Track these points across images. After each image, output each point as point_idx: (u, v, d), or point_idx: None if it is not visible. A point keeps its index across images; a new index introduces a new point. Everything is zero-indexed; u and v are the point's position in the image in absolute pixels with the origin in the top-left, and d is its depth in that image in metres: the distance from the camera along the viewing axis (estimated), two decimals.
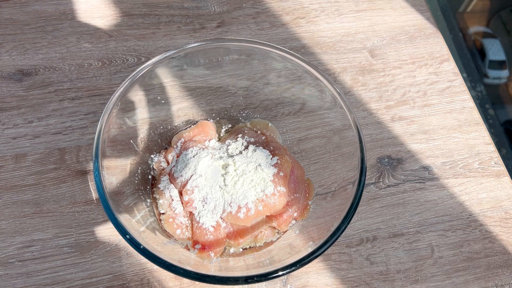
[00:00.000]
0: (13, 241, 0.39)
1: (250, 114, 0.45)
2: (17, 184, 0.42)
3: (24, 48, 0.49)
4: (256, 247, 0.39)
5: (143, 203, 0.39)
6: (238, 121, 0.45)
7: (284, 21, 0.54)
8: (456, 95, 0.51)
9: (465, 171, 0.46)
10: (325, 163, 0.41)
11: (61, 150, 0.44)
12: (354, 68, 0.52)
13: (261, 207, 0.38)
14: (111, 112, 0.35)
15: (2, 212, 0.40)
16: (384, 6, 0.57)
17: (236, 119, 0.45)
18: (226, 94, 0.45)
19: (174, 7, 0.54)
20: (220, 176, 0.39)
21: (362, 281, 0.40)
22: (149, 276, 0.39)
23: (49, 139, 0.44)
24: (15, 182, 0.42)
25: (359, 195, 0.34)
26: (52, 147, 0.44)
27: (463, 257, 0.42)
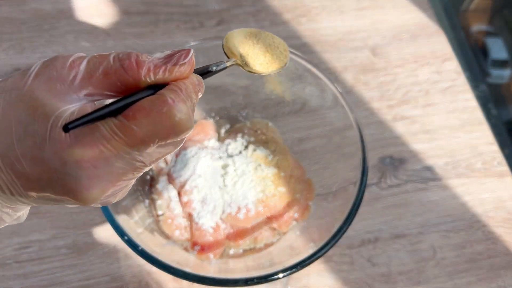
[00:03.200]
0: (10, 242, 0.39)
1: (250, 113, 0.45)
2: None
3: (21, 47, 0.49)
4: (256, 248, 0.38)
5: (142, 204, 0.38)
6: (238, 121, 0.45)
7: (285, 19, 0.54)
8: (458, 95, 0.51)
9: (468, 171, 0.46)
10: (326, 163, 0.41)
11: None
12: (355, 67, 0.51)
13: (261, 207, 0.37)
14: None
15: None
16: (386, 4, 0.56)
17: (236, 118, 0.45)
18: (225, 93, 0.44)
19: (173, 5, 0.53)
20: (219, 176, 0.39)
21: (364, 282, 0.40)
22: (147, 277, 0.38)
23: None
24: None
25: (361, 196, 0.33)
26: None
27: (465, 258, 0.41)
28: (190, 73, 0.19)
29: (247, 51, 0.30)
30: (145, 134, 0.17)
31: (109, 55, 0.18)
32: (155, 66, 0.18)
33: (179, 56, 0.18)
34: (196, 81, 0.19)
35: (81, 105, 0.18)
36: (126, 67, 0.18)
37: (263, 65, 0.30)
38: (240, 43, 0.31)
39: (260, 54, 0.31)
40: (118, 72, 0.18)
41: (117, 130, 0.17)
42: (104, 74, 0.18)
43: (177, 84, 0.18)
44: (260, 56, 0.30)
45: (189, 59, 0.19)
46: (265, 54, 0.31)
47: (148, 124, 0.17)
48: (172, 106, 0.17)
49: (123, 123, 0.17)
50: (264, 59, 0.30)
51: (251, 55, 0.30)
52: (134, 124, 0.17)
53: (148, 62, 0.18)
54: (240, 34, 0.31)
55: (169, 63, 0.18)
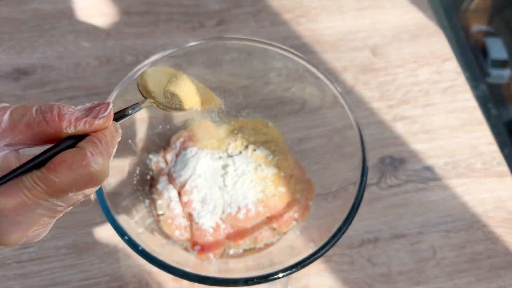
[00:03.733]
0: None
1: (250, 113, 0.45)
2: None
3: (21, 47, 0.49)
4: (256, 248, 0.38)
5: (142, 203, 0.38)
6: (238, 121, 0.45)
7: (285, 19, 0.54)
8: (458, 95, 0.51)
9: (468, 171, 0.46)
10: (326, 163, 0.41)
11: None
12: (355, 67, 0.51)
13: (261, 207, 0.37)
14: None
15: None
16: (386, 4, 0.56)
17: (236, 118, 0.45)
18: (226, 93, 0.44)
19: (173, 5, 0.53)
20: (219, 176, 0.39)
21: (364, 282, 0.40)
22: (148, 277, 0.38)
23: None
24: None
25: (361, 196, 0.33)
26: None
27: (465, 258, 0.41)
28: (109, 124, 0.20)
29: (164, 90, 0.31)
30: (65, 184, 0.18)
31: (32, 107, 0.19)
32: (76, 118, 0.19)
33: (99, 109, 0.20)
34: (114, 129, 0.21)
35: (3, 155, 0.19)
36: (48, 120, 0.19)
37: (179, 103, 0.30)
38: (157, 82, 0.31)
39: (177, 93, 0.31)
40: (41, 124, 0.19)
41: (39, 182, 0.18)
42: (27, 126, 0.19)
43: (96, 136, 0.20)
44: (176, 96, 0.31)
45: (108, 113, 0.20)
46: (183, 93, 0.31)
47: (68, 176, 0.18)
48: (90, 160, 0.18)
49: (45, 175, 0.18)
50: (181, 98, 0.31)
51: (167, 94, 0.31)
52: (55, 176, 0.18)
53: (70, 115, 0.19)
54: (157, 73, 0.31)
55: (89, 116, 0.20)
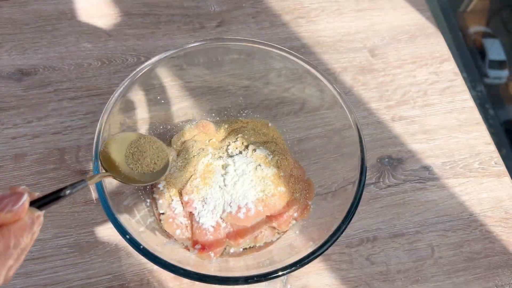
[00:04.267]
0: None
1: (250, 113, 0.45)
2: (16, 184, 0.42)
3: (23, 47, 0.49)
4: (256, 247, 0.39)
5: (143, 203, 0.39)
6: (238, 121, 0.45)
7: (284, 20, 0.54)
8: (456, 95, 0.51)
9: (466, 171, 0.46)
10: (326, 163, 0.41)
11: (60, 150, 0.43)
12: (354, 67, 0.51)
13: (261, 207, 0.38)
14: (111, 112, 0.35)
15: None
16: (385, 5, 0.56)
17: (236, 118, 0.45)
18: (226, 93, 0.45)
19: (174, 7, 0.54)
20: (220, 176, 0.39)
21: (363, 281, 0.40)
22: (148, 276, 0.39)
23: (49, 139, 0.44)
24: (14, 182, 0.42)
25: (360, 195, 0.33)
26: (51, 147, 0.44)
27: (463, 257, 0.42)
28: (18, 218, 0.17)
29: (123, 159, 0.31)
30: None
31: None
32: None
33: (8, 202, 0.17)
34: (28, 221, 0.18)
35: None
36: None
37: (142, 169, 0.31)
38: (117, 150, 0.32)
39: (140, 165, 0.32)
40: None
41: None
42: None
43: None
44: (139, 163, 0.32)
45: (19, 206, 0.17)
46: (145, 160, 0.32)
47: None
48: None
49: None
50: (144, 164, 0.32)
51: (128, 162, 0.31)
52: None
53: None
54: (123, 140, 0.32)
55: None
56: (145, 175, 0.32)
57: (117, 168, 0.31)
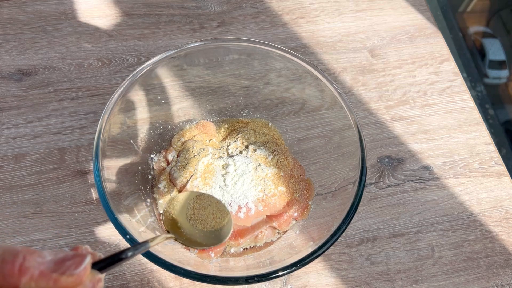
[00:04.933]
0: (13, 241, 0.39)
1: (251, 113, 0.45)
2: (17, 184, 0.42)
3: (23, 48, 0.49)
4: (256, 247, 0.39)
5: (143, 203, 0.39)
6: (239, 121, 0.45)
7: (284, 20, 0.54)
8: (456, 95, 0.51)
9: (466, 171, 0.46)
10: (326, 163, 0.41)
11: (61, 150, 0.44)
12: (354, 68, 0.52)
13: (261, 207, 0.38)
14: (111, 112, 0.35)
15: (2, 212, 0.40)
16: (384, 5, 0.57)
17: (236, 119, 0.45)
18: (226, 94, 0.45)
19: (174, 7, 0.54)
20: (220, 176, 0.39)
21: (363, 281, 0.40)
22: (149, 276, 0.39)
23: (49, 139, 0.44)
24: (15, 182, 0.42)
25: (360, 195, 0.34)
26: (52, 147, 0.44)
27: (463, 257, 0.42)
28: (81, 282, 0.17)
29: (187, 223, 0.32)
30: None
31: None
32: (40, 273, 0.16)
33: (71, 265, 0.16)
34: (88, 285, 0.17)
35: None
36: (6, 273, 0.15)
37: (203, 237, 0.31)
38: (182, 208, 0.32)
39: (201, 222, 0.33)
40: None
41: None
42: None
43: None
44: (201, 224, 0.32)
45: (82, 270, 0.16)
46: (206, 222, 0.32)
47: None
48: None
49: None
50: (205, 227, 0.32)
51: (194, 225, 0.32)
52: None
53: (34, 268, 0.16)
54: (186, 198, 0.33)
55: (57, 272, 0.16)
56: (207, 235, 0.32)
57: (179, 228, 0.31)
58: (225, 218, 0.33)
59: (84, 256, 0.17)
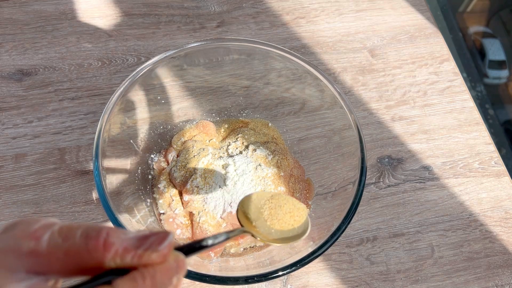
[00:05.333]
0: None
1: (250, 113, 0.45)
2: (17, 184, 0.42)
3: (23, 48, 0.49)
4: (256, 247, 0.39)
5: (143, 203, 0.39)
6: (238, 121, 0.45)
7: (284, 20, 0.54)
8: (456, 95, 0.51)
9: (465, 171, 0.46)
10: (325, 163, 0.41)
11: (61, 150, 0.44)
12: (354, 68, 0.52)
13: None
14: (111, 112, 0.35)
15: (2, 212, 0.40)
16: (384, 6, 0.57)
17: (236, 118, 0.45)
18: (226, 94, 0.45)
19: (174, 7, 0.54)
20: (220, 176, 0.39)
21: (363, 281, 0.40)
22: None
23: (49, 139, 0.44)
24: (14, 182, 0.42)
25: (360, 195, 0.34)
26: (52, 147, 0.44)
27: (463, 257, 0.42)
28: (165, 259, 0.17)
29: (261, 217, 0.31)
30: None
31: (77, 230, 0.16)
32: (124, 249, 0.16)
33: (154, 241, 0.16)
34: (173, 264, 0.17)
35: (28, 286, 0.15)
36: (91, 249, 0.16)
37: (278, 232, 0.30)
38: (257, 207, 0.31)
39: (278, 221, 0.31)
40: (81, 254, 0.15)
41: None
42: (65, 253, 0.15)
43: (142, 272, 0.16)
44: (276, 222, 0.31)
45: (165, 246, 0.16)
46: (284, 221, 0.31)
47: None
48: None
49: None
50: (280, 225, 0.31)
51: (266, 222, 0.31)
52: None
53: (118, 244, 0.16)
54: (259, 198, 0.32)
55: (141, 248, 0.16)
56: (285, 233, 0.31)
57: (254, 226, 0.31)
58: (304, 215, 0.32)
59: (167, 234, 0.17)
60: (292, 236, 0.30)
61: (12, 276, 0.15)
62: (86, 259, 0.16)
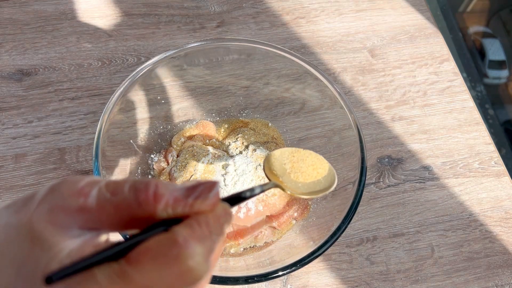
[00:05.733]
0: None
1: (250, 114, 0.45)
2: (17, 184, 0.42)
3: (23, 48, 0.49)
4: (256, 247, 0.39)
5: None
6: (238, 121, 0.45)
7: (284, 20, 0.54)
8: (456, 95, 0.51)
9: (465, 171, 0.46)
10: None
11: (61, 150, 0.44)
12: (354, 68, 0.52)
13: (261, 207, 0.38)
14: (111, 112, 0.35)
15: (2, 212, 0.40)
16: (384, 5, 0.57)
17: (236, 118, 0.45)
18: (226, 94, 0.45)
19: (174, 7, 0.54)
20: (220, 176, 0.39)
21: (363, 281, 0.40)
22: None
23: (49, 139, 0.44)
24: (15, 182, 0.42)
25: (359, 195, 0.34)
26: (52, 147, 0.44)
27: (463, 257, 0.42)
28: (215, 207, 0.17)
29: (289, 170, 0.31)
30: (149, 282, 0.14)
31: (125, 184, 0.16)
32: (175, 200, 0.16)
33: (203, 189, 0.17)
34: (222, 212, 0.17)
35: (82, 241, 0.15)
36: (141, 201, 0.15)
37: (305, 185, 0.30)
38: (280, 164, 0.31)
39: (302, 174, 0.31)
40: (132, 207, 0.15)
41: (116, 278, 0.14)
42: (115, 208, 0.16)
43: (196, 218, 0.16)
44: (301, 175, 0.31)
45: (214, 193, 0.17)
46: (308, 174, 0.31)
47: (153, 270, 0.14)
48: (183, 248, 0.15)
49: (123, 269, 0.14)
50: (307, 178, 0.31)
51: (293, 175, 0.31)
52: (136, 271, 0.14)
53: (168, 195, 0.16)
54: (281, 154, 0.32)
55: (191, 197, 0.16)
56: (312, 186, 0.31)
57: (282, 182, 0.31)
58: (326, 167, 0.31)
59: (215, 182, 0.17)
60: (319, 190, 0.30)
61: (66, 233, 0.15)
62: (137, 212, 0.16)
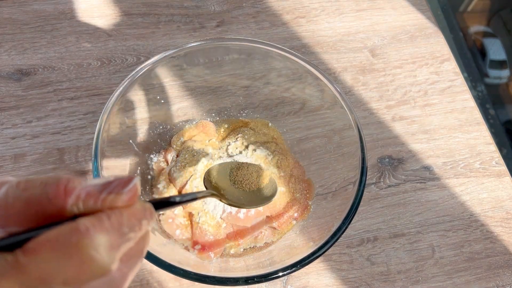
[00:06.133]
0: None
1: (250, 113, 0.45)
2: None
3: (23, 47, 0.49)
4: (256, 247, 0.39)
5: None
6: (238, 121, 0.45)
7: (284, 20, 0.54)
8: (457, 95, 0.51)
9: (466, 171, 0.46)
10: (326, 163, 0.41)
11: (60, 150, 0.43)
12: (354, 67, 0.51)
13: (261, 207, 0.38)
14: (111, 112, 0.35)
15: None
16: (385, 5, 0.56)
17: (236, 118, 0.45)
18: (226, 93, 0.44)
19: (174, 7, 0.54)
20: None
21: (363, 281, 0.40)
22: (148, 276, 0.39)
23: (48, 139, 0.44)
24: None
25: (360, 195, 0.33)
26: (51, 147, 0.44)
27: (464, 257, 0.42)
28: (131, 203, 0.16)
29: (227, 185, 0.32)
30: (45, 273, 0.13)
31: (37, 180, 0.15)
32: (87, 194, 0.15)
33: (118, 184, 0.16)
34: (140, 208, 0.16)
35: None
36: (51, 196, 0.15)
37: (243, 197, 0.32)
38: (221, 177, 0.32)
39: (244, 185, 0.33)
40: (42, 202, 0.15)
41: (9, 269, 0.13)
42: (26, 204, 0.15)
43: (107, 212, 0.15)
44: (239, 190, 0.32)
45: (130, 189, 0.16)
46: (250, 184, 0.34)
47: (51, 260, 0.13)
48: (83, 236, 0.14)
49: (17, 259, 0.13)
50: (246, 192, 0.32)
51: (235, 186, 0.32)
52: (32, 261, 0.13)
53: (80, 189, 0.15)
54: (225, 167, 0.33)
55: (104, 192, 0.15)
56: (253, 195, 0.32)
57: (222, 193, 0.32)
58: (266, 174, 0.33)
59: (131, 178, 0.16)
60: (261, 200, 0.32)
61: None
62: (46, 206, 0.15)
